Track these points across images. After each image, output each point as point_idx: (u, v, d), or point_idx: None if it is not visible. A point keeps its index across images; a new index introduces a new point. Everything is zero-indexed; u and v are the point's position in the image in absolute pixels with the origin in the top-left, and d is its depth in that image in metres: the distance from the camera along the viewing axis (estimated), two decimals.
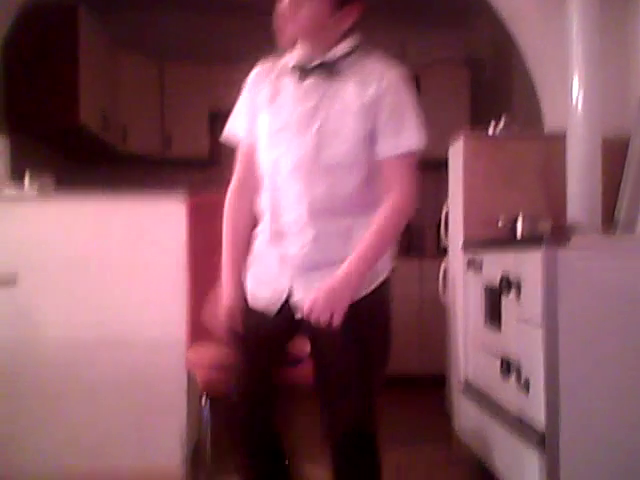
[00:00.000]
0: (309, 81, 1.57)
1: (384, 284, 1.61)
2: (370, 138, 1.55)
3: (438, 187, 4.96)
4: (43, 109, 3.79)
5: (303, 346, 1.67)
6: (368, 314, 1.58)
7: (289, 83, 1.60)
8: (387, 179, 1.57)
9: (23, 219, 2.70)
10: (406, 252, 5.08)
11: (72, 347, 2.67)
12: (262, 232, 1.65)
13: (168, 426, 2.69)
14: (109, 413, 2.69)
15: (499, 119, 2.96)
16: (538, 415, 2.00)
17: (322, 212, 1.55)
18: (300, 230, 1.56)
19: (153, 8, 4.86)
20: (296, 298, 1.58)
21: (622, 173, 2.82)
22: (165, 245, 2.67)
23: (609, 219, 2.74)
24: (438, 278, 3.42)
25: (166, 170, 4.85)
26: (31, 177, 2.84)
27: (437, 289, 3.42)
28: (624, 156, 2.83)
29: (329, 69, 1.57)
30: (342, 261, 1.52)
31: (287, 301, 1.59)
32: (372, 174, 1.57)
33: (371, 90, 1.54)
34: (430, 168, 4.91)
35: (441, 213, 3.39)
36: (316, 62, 1.57)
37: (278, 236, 1.60)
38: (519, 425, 2.13)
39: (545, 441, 1.95)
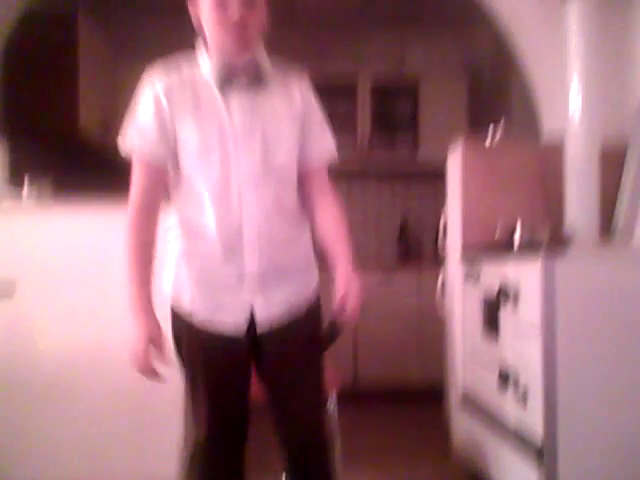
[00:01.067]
0: (236, 90, 1.54)
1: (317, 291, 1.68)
2: (298, 146, 1.59)
3: (436, 195, 4.96)
4: (43, 114, 3.80)
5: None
6: (318, 320, 1.65)
7: (211, 92, 1.54)
8: (316, 184, 1.63)
9: (21, 227, 2.69)
10: (404, 261, 5.07)
11: (71, 357, 2.66)
12: (208, 251, 1.56)
13: (165, 436, 2.67)
14: (106, 424, 2.67)
15: (497, 125, 2.95)
16: (536, 427, 1.98)
17: (274, 223, 1.56)
18: (256, 245, 1.54)
19: (153, 15, 4.87)
20: (259, 314, 1.57)
21: (620, 180, 2.81)
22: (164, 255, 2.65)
23: (607, 226, 2.73)
24: (436, 288, 3.40)
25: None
26: (30, 183, 2.84)
27: (435, 299, 3.40)
28: (622, 163, 2.82)
29: (255, 77, 1.56)
30: (294, 270, 1.61)
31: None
32: (298, 181, 1.62)
33: (296, 100, 1.59)
34: (428, 177, 4.96)
35: (439, 221, 3.37)
36: (244, 62, 1.54)
37: (230, 253, 1.54)
38: (517, 437, 2.10)
39: (543, 454, 1.93)
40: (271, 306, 1.57)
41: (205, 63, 1.56)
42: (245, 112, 1.53)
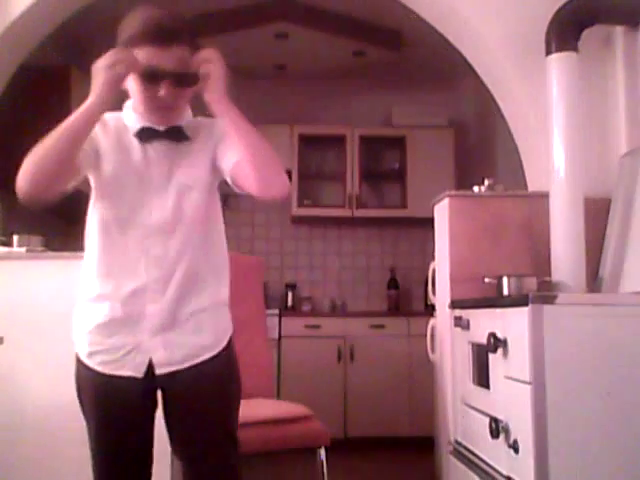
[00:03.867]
0: (158, 144, 1.62)
1: (231, 339, 1.70)
2: (213, 169, 1.66)
3: (425, 245, 5.03)
4: None
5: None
6: (228, 365, 1.68)
7: (132, 142, 1.63)
8: (244, 169, 1.60)
9: (11, 278, 2.70)
10: (394, 310, 5.09)
11: (59, 408, 2.64)
12: (109, 297, 1.60)
13: None
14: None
15: (482, 182, 3.02)
16: (528, 476, 1.98)
17: (180, 266, 1.60)
18: (160, 288, 1.59)
19: None
20: (158, 355, 1.60)
21: (604, 231, 2.87)
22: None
23: (593, 276, 2.78)
24: (426, 335, 3.42)
25: None
26: (20, 237, 2.86)
27: (425, 347, 3.42)
28: (606, 215, 2.89)
29: (178, 134, 1.64)
30: (195, 313, 1.62)
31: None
32: (211, 216, 1.68)
33: (210, 142, 1.65)
34: (417, 227, 5.03)
35: (428, 269, 3.41)
36: (165, 127, 1.62)
37: (133, 296, 1.59)
38: None
39: None
40: (171, 348, 1.60)
41: (129, 118, 1.65)
42: (164, 167, 1.62)
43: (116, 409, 1.61)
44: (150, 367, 1.59)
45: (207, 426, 1.64)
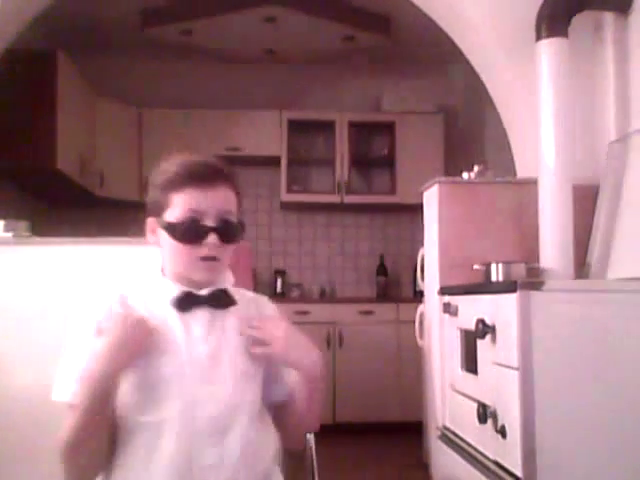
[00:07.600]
0: (201, 312, 1.38)
1: None
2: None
3: (414, 232, 5.03)
4: (20, 153, 3.79)
5: None
6: None
7: (167, 318, 1.36)
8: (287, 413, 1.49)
9: None
10: (383, 296, 5.10)
11: (44, 396, 2.62)
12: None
13: None
14: None
15: (472, 168, 3.01)
16: (515, 461, 1.99)
17: (239, 460, 1.35)
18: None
19: (131, 54, 4.93)
20: None
21: (592, 219, 2.88)
22: None
23: (581, 263, 2.79)
24: (415, 321, 3.43)
25: (143, 214, 4.85)
26: (6, 222, 2.83)
27: (414, 333, 3.42)
28: (595, 201, 2.89)
29: (224, 298, 1.41)
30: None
31: None
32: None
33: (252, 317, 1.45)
34: (406, 213, 5.02)
35: (417, 254, 3.42)
36: (206, 291, 1.39)
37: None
38: (497, 472, 2.12)
39: None
40: None
41: (161, 287, 1.41)
42: (209, 337, 1.36)
43: None
44: None
45: None
